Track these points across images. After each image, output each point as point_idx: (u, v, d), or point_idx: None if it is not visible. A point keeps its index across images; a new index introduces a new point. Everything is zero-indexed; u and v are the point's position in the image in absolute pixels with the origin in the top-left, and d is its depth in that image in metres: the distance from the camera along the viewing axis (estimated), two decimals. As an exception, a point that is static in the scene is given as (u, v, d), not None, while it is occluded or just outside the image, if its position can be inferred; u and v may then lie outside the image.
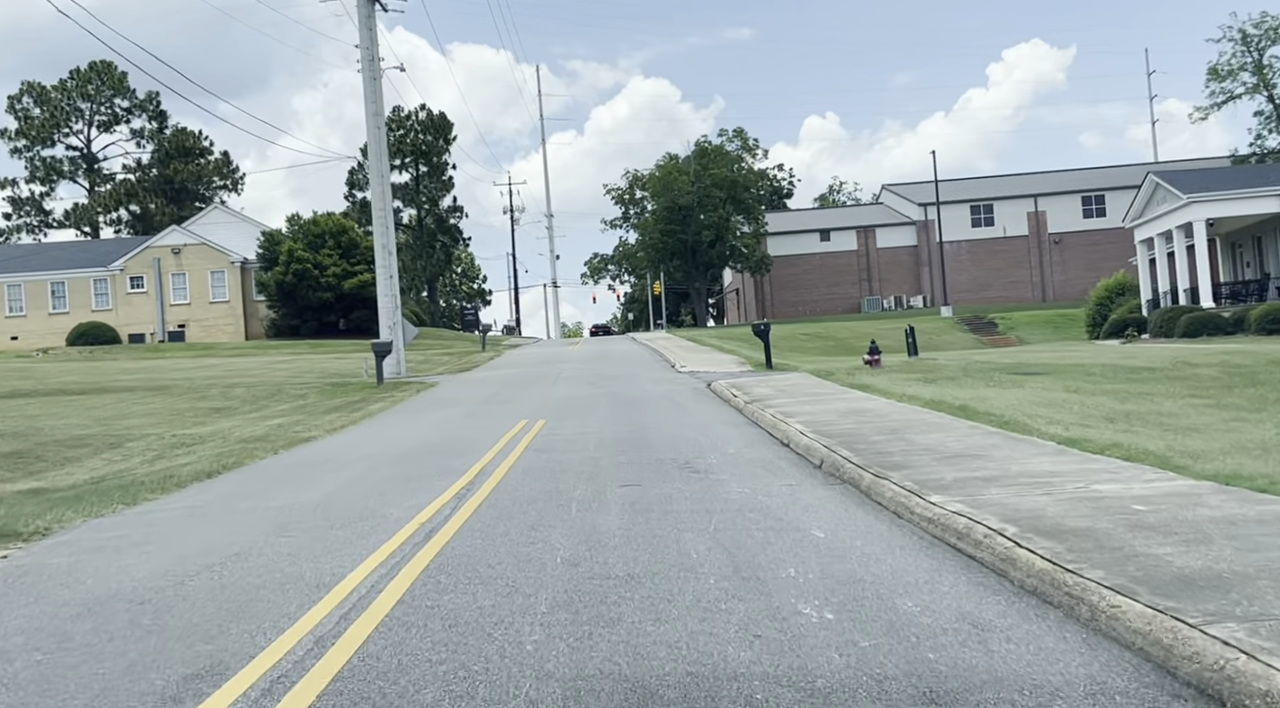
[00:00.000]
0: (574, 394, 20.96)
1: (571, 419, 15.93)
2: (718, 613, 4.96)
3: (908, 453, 9.58)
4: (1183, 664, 3.90)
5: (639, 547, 6.54)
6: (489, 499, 8.71)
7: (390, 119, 78.91)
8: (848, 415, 13.22)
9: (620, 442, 12.54)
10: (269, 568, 6.53)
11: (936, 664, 4.13)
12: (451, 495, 9.01)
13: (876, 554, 6.12)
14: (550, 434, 13.80)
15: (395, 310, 33.08)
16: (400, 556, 6.64)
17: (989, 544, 5.79)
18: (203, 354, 51.37)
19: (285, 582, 6.11)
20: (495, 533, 7.21)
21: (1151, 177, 38.46)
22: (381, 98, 32.72)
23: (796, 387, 18.99)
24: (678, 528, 7.09)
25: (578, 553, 6.43)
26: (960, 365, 21.86)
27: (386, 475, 10.77)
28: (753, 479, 9.34)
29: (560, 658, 4.41)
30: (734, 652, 4.38)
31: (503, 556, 6.48)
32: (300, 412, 20.91)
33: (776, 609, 4.98)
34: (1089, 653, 4.21)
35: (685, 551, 6.37)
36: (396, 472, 11.00)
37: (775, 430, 12.81)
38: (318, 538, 7.44)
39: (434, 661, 4.47)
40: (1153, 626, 4.16)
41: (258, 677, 4.40)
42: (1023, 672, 4.02)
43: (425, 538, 7.15)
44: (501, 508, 8.24)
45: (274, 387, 27.84)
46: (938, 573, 5.60)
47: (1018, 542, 5.61)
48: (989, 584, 5.33)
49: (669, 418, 15.40)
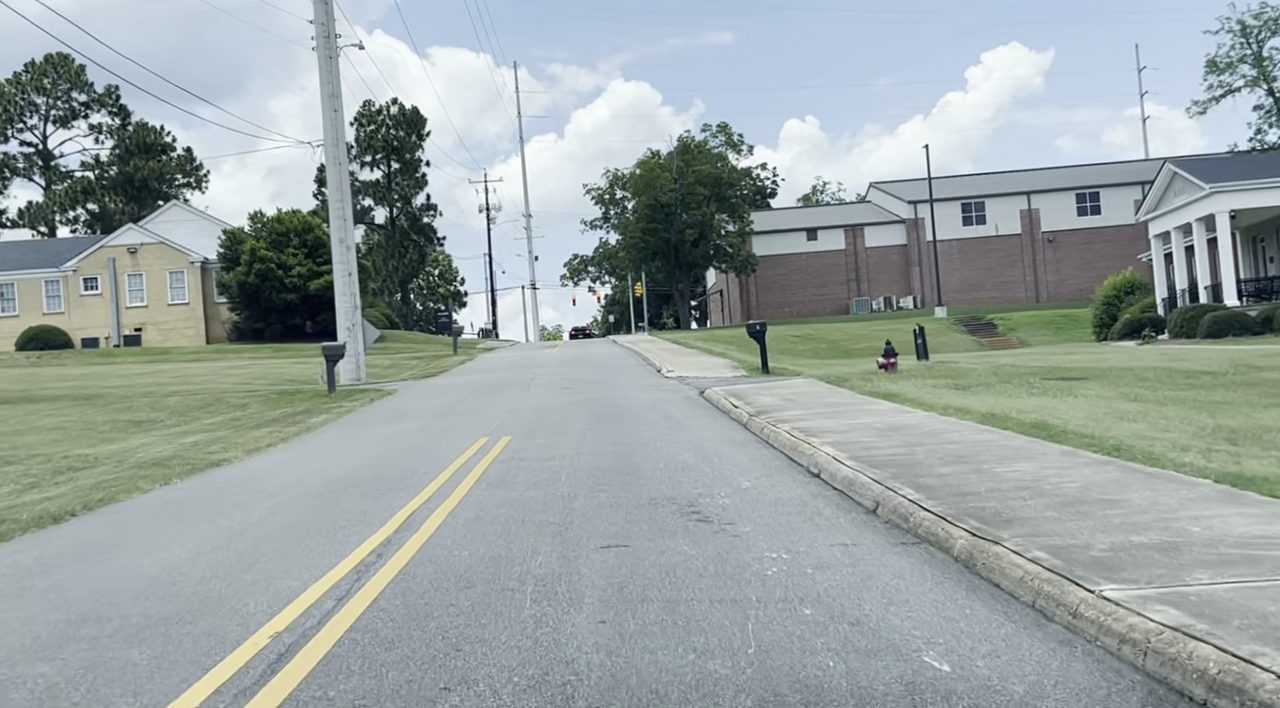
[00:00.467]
0: (548, 404, 18.18)
1: (542, 436, 13.14)
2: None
3: (1001, 494, 6.86)
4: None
5: (631, 697, 3.76)
6: (402, 577, 5.91)
7: (360, 114, 75.98)
8: (887, 434, 10.48)
9: (601, 471, 9.76)
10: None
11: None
12: (352, 567, 6.22)
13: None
14: (513, 459, 11.02)
15: (354, 311, 30.21)
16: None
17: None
18: (157, 359, 48.25)
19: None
20: (383, 666, 4.37)
21: (1169, 166, 35.94)
22: (338, 77, 29.86)
23: (806, 395, 16.26)
24: (694, 649, 4.30)
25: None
26: (987, 369, 19.19)
27: (283, 524, 7.96)
28: (788, 534, 6.60)
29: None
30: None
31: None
32: (230, 426, 18.02)
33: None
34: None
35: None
36: (298, 519, 8.18)
37: (797, 454, 10.07)
38: (91, 666, 4.60)
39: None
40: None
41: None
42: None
43: (268, 670, 4.35)
44: (414, 600, 5.40)
45: (214, 396, 24.91)
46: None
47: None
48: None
49: (660, 435, 12.64)
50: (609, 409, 16.54)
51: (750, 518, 7.20)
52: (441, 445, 12.76)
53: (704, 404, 16.92)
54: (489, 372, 30.75)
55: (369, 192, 75.94)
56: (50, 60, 72.75)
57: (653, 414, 15.47)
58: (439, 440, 13.42)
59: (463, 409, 18.23)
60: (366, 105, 75.11)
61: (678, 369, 25.74)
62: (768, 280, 76.45)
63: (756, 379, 21.42)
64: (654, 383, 22.36)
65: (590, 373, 26.80)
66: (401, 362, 42.15)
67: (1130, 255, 73.85)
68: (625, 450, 11.23)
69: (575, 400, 18.47)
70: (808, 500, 7.86)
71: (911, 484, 7.47)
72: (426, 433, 14.61)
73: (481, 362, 38.24)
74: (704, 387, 19.72)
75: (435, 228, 78.09)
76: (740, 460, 10.17)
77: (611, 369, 28.14)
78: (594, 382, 23.43)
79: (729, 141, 79.87)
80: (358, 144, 75.27)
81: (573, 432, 13.54)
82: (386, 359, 43.14)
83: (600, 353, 38.88)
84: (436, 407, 19.16)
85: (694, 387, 20.20)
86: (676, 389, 20.16)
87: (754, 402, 15.59)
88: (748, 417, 13.79)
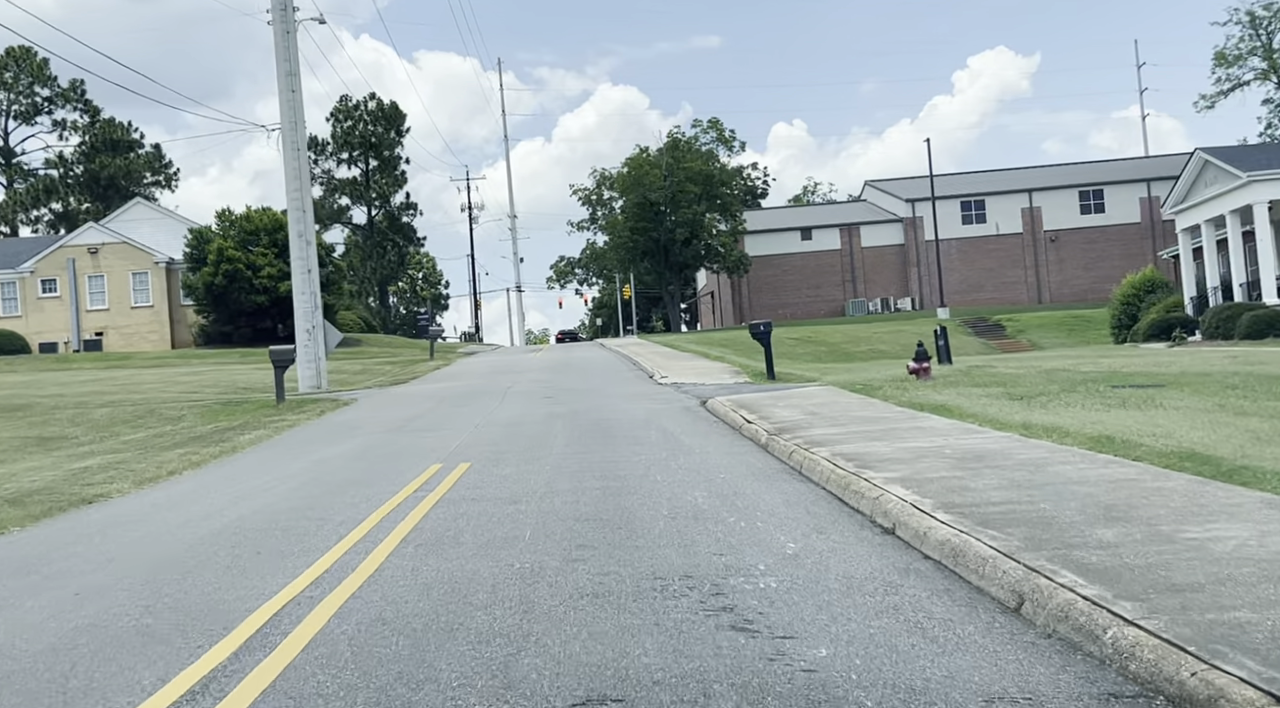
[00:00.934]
0: (524, 417, 15.41)
1: (509, 462, 10.38)
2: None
3: (1243, 587, 4.12)
4: None
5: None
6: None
7: (337, 109, 73.01)
8: (970, 466, 7.73)
9: (582, 522, 7.00)
10: None
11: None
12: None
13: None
14: (465, 499, 8.24)
15: (315, 311, 27.37)
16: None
17: None
18: (114, 365, 45.23)
19: None
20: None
21: (1200, 154, 33.28)
22: (296, 54, 27.02)
23: (833, 407, 13.51)
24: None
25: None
26: (1037, 375, 16.45)
27: (76, 626, 5.15)
28: (891, 663, 3.85)
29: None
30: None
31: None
32: (144, 445, 15.18)
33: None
34: None
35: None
36: (106, 614, 5.37)
37: (850, 494, 7.33)
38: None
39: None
40: None
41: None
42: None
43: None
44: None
45: (150, 407, 22.03)
46: None
47: None
48: None
49: (659, 461, 9.89)
50: (595, 424, 13.78)
51: (815, 620, 4.45)
52: (380, 477, 9.97)
53: (707, 418, 14.17)
54: (464, 378, 27.94)
55: (346, 190, 72.81)
56: (11, 54, 69.47)
57: (647, 431, 12.71)
58: (379, 469, 10.63)
59: (423, 424, 15.43)
60: (344, 100, 72.02)
61: (672, 375, 22.97)
62: (761, 281, 73.71)
63: (764, 387, 18.70)
64: (646, 391, 19.61)
65: (575, 380, 24.02)
66: (374, 367, 39.30)
67: (1137, 255, 71.41)
68: (615, 486, 8.46)
69: (556, 413, 15.71)
70: (895, 582, 5.11)
71: (1068, 562, 4.74)
72: (368, 458, 11.80)
73: (458, 367, 35.40)
74: (704, 395, 16.98)
75: (415, 227, 74.94)
76: (772, 503, 7.42)
77: (599, 376, 25.37)
78: (579, 390, 20.67)
79: (720, 137, 77.06)
80: (334, 141, 72.21)
81: (549, 456, 10.77)
82: (357, 364, 40.30)
83: (587, 357, 36.11)
84: (394, 420, 16.35)
85: (693, 395, 17.46)
86: (673, 399, 17.42)
87: (770, 415, 12.84)
88: (766, 435, 11.05)
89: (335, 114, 71.95)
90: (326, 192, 73.55)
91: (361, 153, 71.89)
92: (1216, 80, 66.35)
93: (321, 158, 72.68)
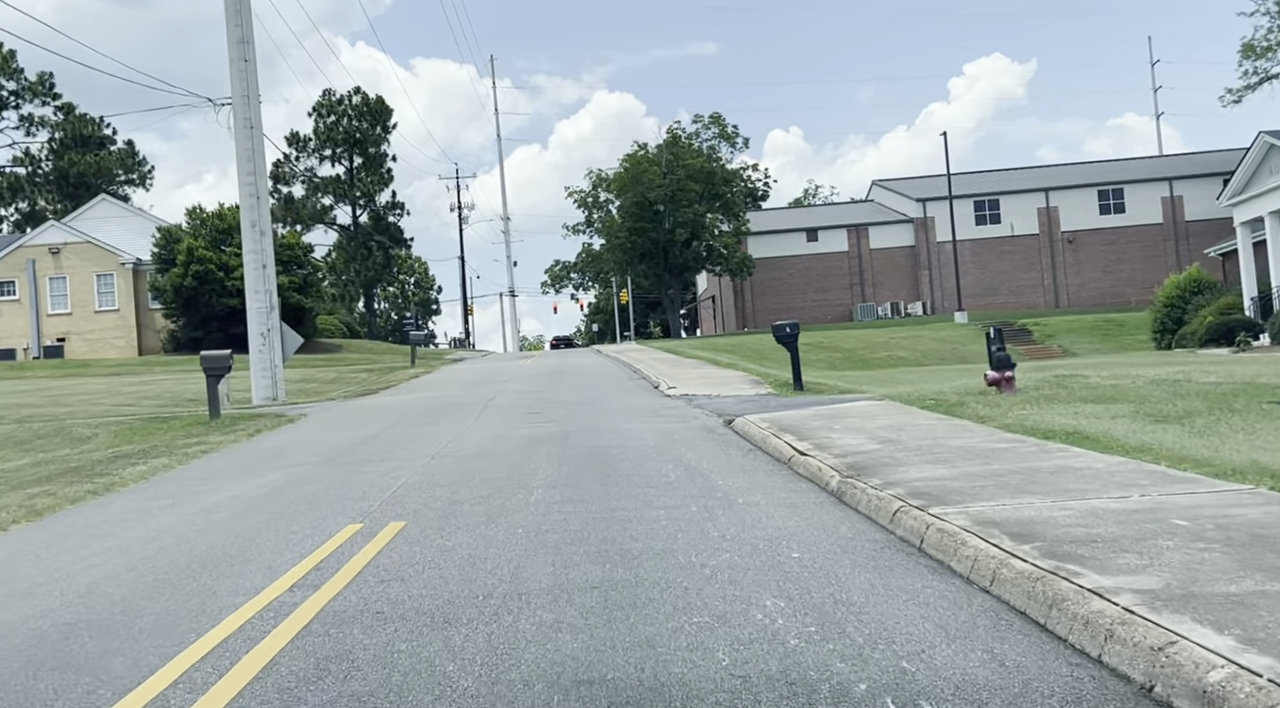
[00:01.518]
0: (499, 441, 11.95)
1: (463, 519, 6.95)
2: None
3: None
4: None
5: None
6: None
7: (320, 104, 69.46)
8: (1246, 555, 4.29)
9: (569, 689, 3.52)
10: None
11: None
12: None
13: None
14: (367, 611, 4.80)
15: (270, 313, 23.97)
16: None
17: None
18: (70, 374, 41.67)
19: None
20: None
21: (1265, 137, 29.83)
22: (249, 19, 23.55)
23: (910, 432, 10.03)
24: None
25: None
26: (1152, 387, 12.95)
27: None
28: None
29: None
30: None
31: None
32: (3, 480, 11.69)
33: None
34: None
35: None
36: None
37: (1055, 617, 3.89)
38: None
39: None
40: None
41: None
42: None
43: None
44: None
45: (62, 424, 18.55)
46: None
47: None
48: None
49: (689, 524, 6.46)
50: (590, 453, 10.32)
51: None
52: (260, 548, 6.52)
53: (738, 443, 10.72)
54: (441, 388, 24.46)
55: (329, 188, 69.14)
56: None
57: (661, 464, 9.27)
58: (269, 532, 7.15)
59: (369, 451, 11.95)
60: (326, 94, 68.36)
61: (681, 385, 19.51)
62: (764, 284, 70.26)
63: (795, 400, 15.27)
64: (653, 405, 16.17)
65: (568, 390, 20.56)
66: (348, 375, 35.82)
67: (1158, 257, 68.07)
68: (624, 579, 5.02)
69: (541, 434, 12.25)
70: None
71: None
72: (269, 506, 8.32)
73: (440, 375, 31.92)
74: (727, 411, 13.55)
75: (402, 228, 71.23)
76: (917, 630, 3.97)
77: (595, 385, 21.93)
78: (572, 403, 17.22)
79: (723, 133, 73.49)
80: (316, 137, 68.57)
81: (523, 508, 7.32)
82: (332, 373, 36.81)
83: (582, 363, 32.66)
84: (336, 445, 12.86)
85: (711, 411, 14.03)
86: (687, 415, 13.97)
87: (828, 443, 9.40)
88: (836, 477, 7.65)
89: (318, 108, 68.39)
90: (309, 190, 70.00)
91: (345, 149, 68.28)
92: (1244, 73, 63.01)
93: (304, 155, 69.18)
